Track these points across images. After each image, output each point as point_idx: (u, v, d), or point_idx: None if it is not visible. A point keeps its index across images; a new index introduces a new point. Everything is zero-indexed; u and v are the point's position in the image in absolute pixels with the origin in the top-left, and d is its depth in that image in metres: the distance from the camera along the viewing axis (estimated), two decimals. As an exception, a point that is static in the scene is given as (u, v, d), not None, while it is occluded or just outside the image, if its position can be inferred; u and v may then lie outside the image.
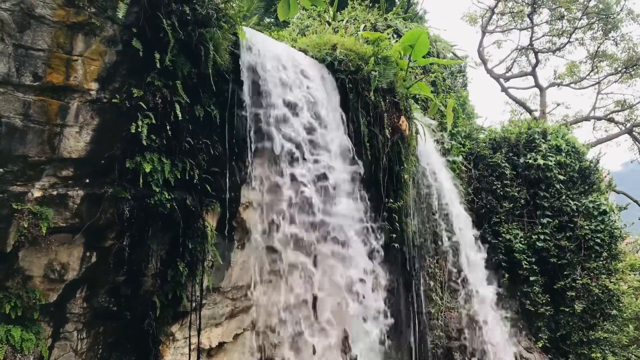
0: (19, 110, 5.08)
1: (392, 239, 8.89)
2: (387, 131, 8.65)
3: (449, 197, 11.58)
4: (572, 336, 13.37)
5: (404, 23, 14.43)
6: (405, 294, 9.37)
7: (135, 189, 5.74)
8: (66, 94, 5.35)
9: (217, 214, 6.74)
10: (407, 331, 9.23)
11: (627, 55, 27.92)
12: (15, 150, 5.07)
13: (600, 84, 30.44)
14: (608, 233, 13.90)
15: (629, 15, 27.18)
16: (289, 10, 5.71)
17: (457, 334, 11.49)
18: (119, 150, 5.70)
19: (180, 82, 6.01)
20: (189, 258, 6.35)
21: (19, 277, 5.36)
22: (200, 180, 6.36)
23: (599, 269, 13.62)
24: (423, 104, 12.52)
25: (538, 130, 15.00)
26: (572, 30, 28.03)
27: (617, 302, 13.63)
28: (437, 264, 11.40)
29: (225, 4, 6.62)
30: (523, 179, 14.44)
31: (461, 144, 14.13)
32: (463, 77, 17.02)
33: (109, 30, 5.57)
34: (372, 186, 8.67)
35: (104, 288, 5.92)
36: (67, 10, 5.29)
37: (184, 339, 6.57)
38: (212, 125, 6.56)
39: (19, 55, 5.07)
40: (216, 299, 7.01)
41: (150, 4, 5.76)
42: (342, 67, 8.45)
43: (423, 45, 9.15)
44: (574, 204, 14.00)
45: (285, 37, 11.10)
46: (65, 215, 5.44)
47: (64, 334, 5.76)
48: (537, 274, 13.59)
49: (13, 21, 5.01)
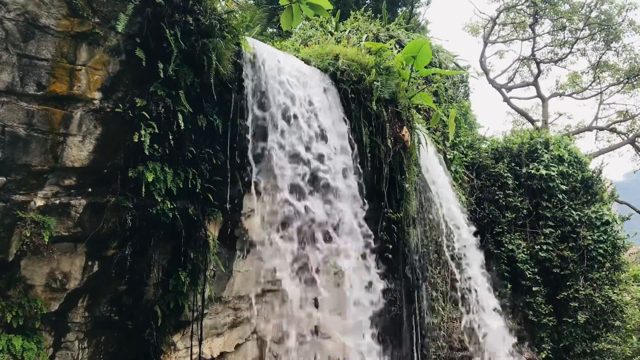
0: (23, 119, 5.10)
1: (393, 250, 8.86)
2: (389, 141, 8.65)
3: (451, 207, 11.56)
4: (575, 347, 13.29)
5: (406, 33, 14.50)
6: (407, 304, 9.33)
7: (137, 198, 5.74)
8: (70, 103, 5.38)
9: (219, 223, 6.74)
10: (409, 342, 9.18)
11: (629, 65, 28.01)
12: (19, 159, 5.08)
13: (603, 95, 30.54)
14: (611, 243, 13.86)
15: (630, 26, 27.30)
16: (292, 20, 5.74)
17: (460, 345, 11.43)
18: (122, 159, 5.71)
19: (183, 91, 6.03)
20: (191, 267, 6.34)
21: (20, 286, 5.35)
22: (203, 189, 6.36)
23: (602, 279, 13.56)
24: (425, 114, 12.54)
25: (540, 141, 15.00)
26: (574, 41, 28.15)
27: (621, 313, 13.56)
28: (439, 274, 11.36)
29: (228, 14, 6.66)
30: (525, 189, 14.42)
31: (463, 154, 14.12)
32: (465, 87, 17.05)
33: (112, 40, 5.60)
34: (375, 196, 8.67)
35: (106, 297, 5.91)
36: (71, 20, 5.32)
37: (185, 348, 6.54)
38: (214, 134, 6.57)
39: (23, 65, 5.09)
40: (218, 308, 7.00)
41: (154, 14, 5.79)
42: (345, 78, 8.48)
43: (425, 55, 9.18)
44: (576, 214, 13.97)
45: (288, 47, 11.16)
46: (67, 224, 5.45)
47: (65, 343, 5.74)
48: (540, 284, 13.53)
49: (17, 31, 5.04)
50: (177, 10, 5.97)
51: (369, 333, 7.46)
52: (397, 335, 8.68)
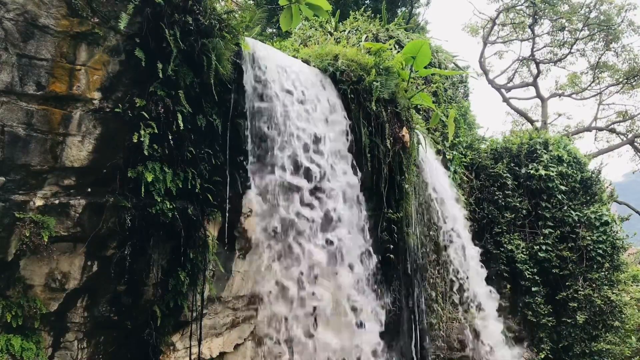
0: (22, 119, 5.11)
1: (392, 250, 8.86)
2: (388, 141, 8.66)
3: (450, 207, 11.56)
4: (574, 347, 13.28)
5: (405, 34, 14.50)
6: (406, 304, 9.33)
7: (137, 198, 5.74)
8: (69, 103, 5.38)
9: (218, 223, 6.73)
10: (409, 342, 9.18)
11: (629, 66, 28.03)
12: (18, 159, 5.08)
13: (602, 95, 30.57)
14: (610, 244, 13.85)
15: (629, 27, 27.33)
16: (291, 20, 5.75)
17: (459, 345, 11.43)
18: (121, 159, 5.71)
19: (182, 91, 6.03)
20: (190, 267, 6.34)
21: (19, 286, 5.35)
22: (202, 189, 6.36)
23: (601, 280, 13.56)
24: (425, 114, 12.54)
25: (540, 141, 14.99)
26: (573, 41, 28.17)
27: (620, 313, 13.55)
28: (438, 274, 11.36)
29: (228, 14, 6.66)
30: (525, 189, 14.41)
31: (463, 155, 14.11)
32: (464, 88, 17.04)
33: (112, 40, 5.61)
34: (374, 197, 8.68)
35: (105, 297, 5.90)
36: (70, 20, 5.32)
37: (184, 348, 6.54)
38: (214, 134, 6.57)
39: (23, 65, 5.10)
40: (217, 308, 6.99)
41: (153, 15, 5.79)
42: (344, 78, 8.48)
43: (425, 55, 9.19)
44: (575, 215, 13.96)
45: (287, 47, 11.17)
46: (67, 224, 5.45)
47: (65, 343, 5.74)
48: (539, 284, 13.53)
49: (17, 31, 5.04)
50: (177, 11, 5.97)
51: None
52: (396, 335, 8.68)
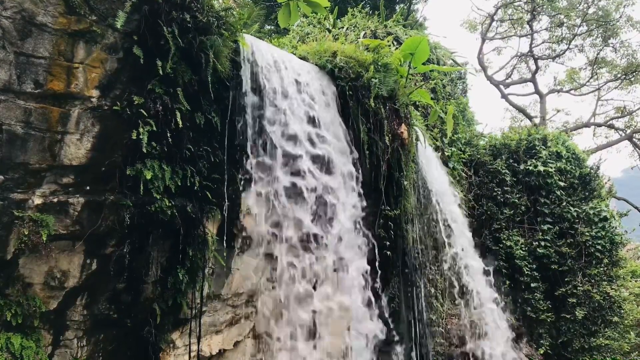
0: (20, 117, 5.10)
1: (390, 247, 8.87)
2: (387, 138, 8.65)
3: (448, 203, 11.57)
4: (573, 343, 13.30)
5: (404, 30, 14.48)
6: (406, 301, 9.35)
7: (135, 196, 5.74)
8: (67, 101, 5.37)
9: (217, 220, 6.73)
10: (408, 338, 9.20)
11: (627, 61, 28.00)
12: (16, 158, 5.08)
13: (600, 91, 30.51)
14: (609, 239, 13.86)
15: (628, 22, 27.28)
16: (289, 17, 5.73)
17: (458, 341, 11.45)
18: (120, 157, 5.70)
19: (181, 89, 6.02)
20: (189, 265, 6.34)
21: (19, 284, 5.36)
22: (201, 187, 6.36)
23: (600, 275, 13.57)
24: (423, 111, 12.53)
25: (538, 137, 14.98)
26: (571, 37, 28.12)
27: (619, 308, 13.58)
28: (437, 271, 11.37)
29: (226, 11, 6.64)
30: (523, 185, 14.41)
31: (461, 151, 14.11)
32: (463, 84, 17.04)
33: (110, 38, 5.60)
34: (373, 193, 8.67)
35: (104, 295, 5.91)
36: (68, 18, 5.31)
37: (184, 346, 6.54)
38: (212, 132, 6.57)
39: (20, 63, 5.09)
40: (216, 306, 7.00)
41: (151, 12, 5.78)
42: (343, 75, 8.47)
43: (423, 52, 9.18)
44: (574, 211, 13.97)
45: (285, 44, 11.15)
46: (65, 222, 5.44)
47: (64, 341, 5.74)
48: (538, 280, 13.54)
49: (14, 29, 5.03)
50: (175, 8, 5.96)
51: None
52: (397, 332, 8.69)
